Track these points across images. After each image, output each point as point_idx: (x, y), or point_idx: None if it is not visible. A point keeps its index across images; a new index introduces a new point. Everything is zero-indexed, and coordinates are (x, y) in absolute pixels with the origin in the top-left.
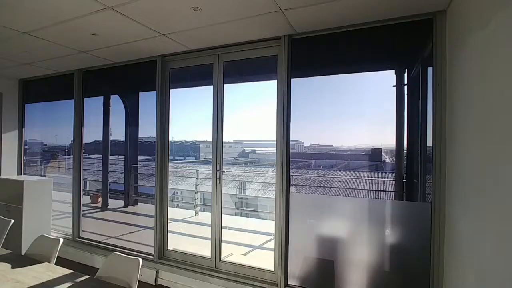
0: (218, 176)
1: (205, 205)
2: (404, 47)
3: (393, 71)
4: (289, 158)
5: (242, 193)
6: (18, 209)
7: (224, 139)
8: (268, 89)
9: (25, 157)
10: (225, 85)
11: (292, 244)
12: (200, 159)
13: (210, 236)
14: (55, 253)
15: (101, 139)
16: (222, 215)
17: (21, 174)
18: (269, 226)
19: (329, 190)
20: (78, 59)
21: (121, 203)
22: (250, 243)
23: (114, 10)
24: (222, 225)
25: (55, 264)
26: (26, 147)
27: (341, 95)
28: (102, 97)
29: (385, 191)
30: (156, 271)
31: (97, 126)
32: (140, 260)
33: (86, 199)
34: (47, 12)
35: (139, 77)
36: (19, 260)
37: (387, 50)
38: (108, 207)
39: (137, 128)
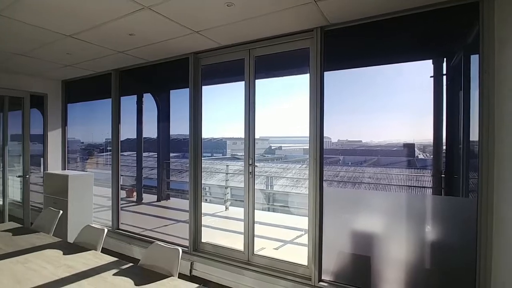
0: (250, 171)
1: (235, 200)
2: (443, 34)
3: (431, 60)
4: (322, 152)
5: (269, 189)
6: (63, 201)
7: (244, 138)
8: (296, 84)
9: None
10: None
11: (326, 239)
12: (227, 156)
13: (240, 230)
14: (100, 241)
15: (132, 136)
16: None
17: (65, 169)
18: (299, 221)
19: (358, 186)
20: (115, 59)
21: (154, 197)
22: (281, 237)
23: (151, 9)
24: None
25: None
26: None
27: (372, 88)
28: (135, 96)
29: (420, 187)
30: (191, 263)
31: (129, 124)
32: (180, 250)
33: (121, 193)
34: (88, 15)
35: (170, 75)
36: (69, 248)
37: (424, 39)
38: (143, 201)
39: (168, 125)
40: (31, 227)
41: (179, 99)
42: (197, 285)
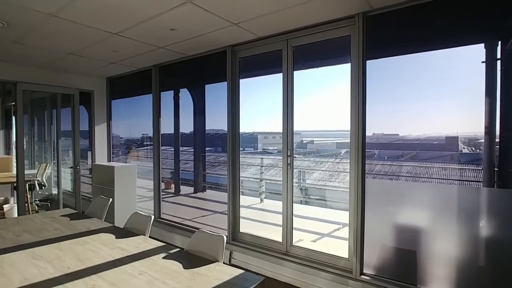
0: (289, 162)
1: (269, 192)
2: (497, 15)
3: (482, 44)
4: (364, 144)
5: (302, 183)
6: (110, 190)
7: (281, 130)
8: (332, 75)
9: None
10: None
11: (368, 232)
12: (258, 150)
13: (276, 222)
14: (148, 227)
15: (168, 131)
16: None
17: (110, 161)
18: (336, 215)
19: (396, 179)
20: (156, 55)
21: (190, 189)
22: (318, 230)
23: (192, 3)
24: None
25: None
26: None
27: (414, 77)
28: (172, 91)
29: (467, 180)
30: (230, 252)
31: (166, 118)
32: (225, 237)
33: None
34: (134, 11)
35: (206, 69)
36: (120, 232)
37: (475, 20)
38: (180, 192)
39: (204, 119)
40: (84, 213)
41: (212, 94)
42: (242, 270)
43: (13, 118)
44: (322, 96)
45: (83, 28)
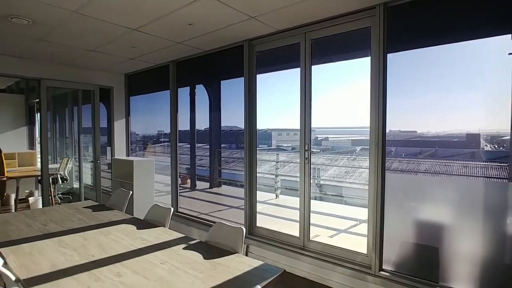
0: (306, 156)
1: (285, 188)
2: None
3: (510, 35)
4: (385, 138)
5: (317, 179)
6: (129, 184)
7: (296, 126)
8: (349, 70)
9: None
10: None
11: (387, 228)
12: (272, 147)
13: (291, 218)
14: (168, 219)
15: (183, 128)
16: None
17: (128, 156)
18: (352, 211)
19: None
20: (174, 50)
21: (205, 184)
22: (334, 226)
23: None
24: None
25: None
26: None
27: (433, 71)
28: (188, 88)
29: (490, 177)
30: (247, 246)
31: (183, 114)
32: (244, 228)
33: None
34: (153, 6)
35: (222, 65)
36: (141, 223)
37: (501, 10)
38: (196, 187)
39: (219, 116)
40: (106, 205)
41: (227, 90)
42: (262, 262)
43: (37, 115)
44: (337, 92)
45: (104, 24)
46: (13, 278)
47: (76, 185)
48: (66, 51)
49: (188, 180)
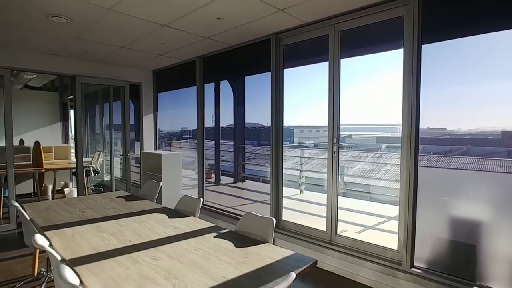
0: (334, 150)
1: (309, 183)
2: None
3: None
4: (418, 133)
5: (342, 177)
6: (158, 177)
7: (319, 123)
8: (377, 63)
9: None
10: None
11: (419, 224)
12: (294, 144)
13: (317, 213)
14: (198, 209)
15: (207, 125)
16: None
17: (156, 150)
18: (379, 208)
19: None
20: (201, 45)
21: (229, 179)
22: (361, 222)
23: None
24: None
25: None
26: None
27: (468, 63)
28: (213, 84)
29: None
30: (273, 239)
31: (208, 110)
32: (274, 219)
33: None
34: (183, 2)
35: (247, 60)
36: (172, 213)
37: None
38: (220, 182)
39: (243, 112)
40: (137, 195)
41: (250, 86)
42: (293, 252)
43: (70, 111)
44: (362, 87)
45: (136, 21)
46: (59, 258)
47: (106, 178)
48: (99, 48)
49: (213, 175)
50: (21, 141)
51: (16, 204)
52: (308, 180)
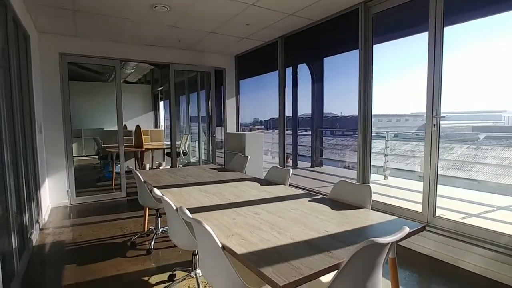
0: (434, 123)
1: (395, 169)
2: None
3: None
4: None
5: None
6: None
7: (400, 112)
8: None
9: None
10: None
11: None
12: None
13: (404, 197)
14: (288, 179)
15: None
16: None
17: (238, 131)
18: (482, 197)
19: None
20: (284, 24)
21: (306, 164)
22: (463, 210)
23: None
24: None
25: None
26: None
27: None
28: (291, 68)
29: None
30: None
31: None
32: (371, 185)
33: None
34: None
35: (328, 38)
36: (262, 182)
37: None
38: (298, 166)
39: (321, 93)
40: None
41: (331, 68)
42: (395, 217)
43: (160, 102)
44: (462, 62)
45: (225, 2)
46: (174, 207)
47: (193, 159)
48: (190, 35)
49: (290, 160)
50: (125, 126)
51: (133, 168)
52: (393, 164)
